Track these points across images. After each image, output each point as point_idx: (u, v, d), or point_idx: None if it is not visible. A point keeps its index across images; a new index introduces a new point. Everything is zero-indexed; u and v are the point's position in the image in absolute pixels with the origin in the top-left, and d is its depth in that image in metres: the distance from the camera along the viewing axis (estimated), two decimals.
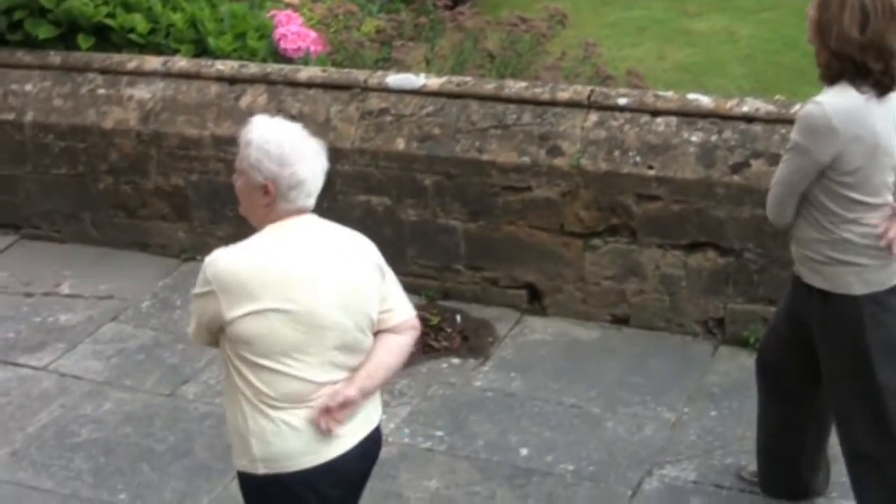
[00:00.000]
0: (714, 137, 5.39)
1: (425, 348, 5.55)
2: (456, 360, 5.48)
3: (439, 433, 4.98)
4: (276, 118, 3.40)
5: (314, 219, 3.39)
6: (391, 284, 3.47)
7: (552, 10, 7.06)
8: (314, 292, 3.27)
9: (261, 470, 3.33)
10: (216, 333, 3.34)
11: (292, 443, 3.30)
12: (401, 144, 5.81)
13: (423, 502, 4.59)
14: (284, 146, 3.27)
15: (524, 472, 4.74)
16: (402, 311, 3.48)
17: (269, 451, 3.31)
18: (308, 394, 3.29)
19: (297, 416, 3.29)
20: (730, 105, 5.46)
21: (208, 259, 3.33)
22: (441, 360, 5.48)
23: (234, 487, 4.59)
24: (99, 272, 6.33)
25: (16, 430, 5.12)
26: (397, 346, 3.45)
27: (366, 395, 3.37)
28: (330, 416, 3.28)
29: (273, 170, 3.26)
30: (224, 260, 3.30)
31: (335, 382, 3.32)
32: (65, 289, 6.22)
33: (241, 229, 5.94)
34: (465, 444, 4.92)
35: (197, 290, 3.36)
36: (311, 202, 3.35)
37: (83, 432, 5.10)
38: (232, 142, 6.01)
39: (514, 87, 5.82)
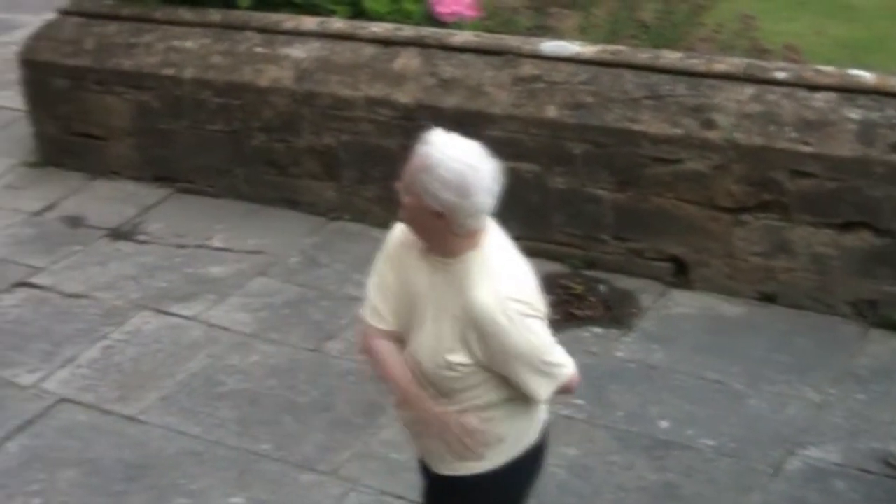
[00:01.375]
0: (875, 115, 5.26)
1: (567, 316, 5.54)
2: (598, 330, 5.46)
3: (579, 401, 4.97)
4: (452, 137, 3.14)
5: (493, 224, 3.30)
6: None
7: None
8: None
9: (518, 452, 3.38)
10: None
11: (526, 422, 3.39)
12: (552, 112, 5.79)
13: (561, 469, 4.59)
14: (466, 176, 3.06)
15: (663, 444, 4.71)
16: None
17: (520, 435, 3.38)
18: None
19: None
20: (894, 82, 5.31)
21: (510, 305, 3.13)
22: (583, 329, 5.47)
23: (375, 443, 4.73)
24: (249, 227, 6.45)
25: (166, 377, 5.26)
26: None
27: None
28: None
29: (452, 200, 3.06)
30: (519, 286, 3.20)
31: None
32: (216, 242, 6.36)
33: (389, 191, 6.04)
34: (605, 414, 4.90)
35: (532, 333, 3.18)
36: (486, 223, 3.22)
37: (230, 382, 5.22)
38: (384, 103, 6.14)
39: (670, 57, 5.76)
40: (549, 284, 5.70)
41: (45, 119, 7.16)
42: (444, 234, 3.15)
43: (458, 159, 3.08)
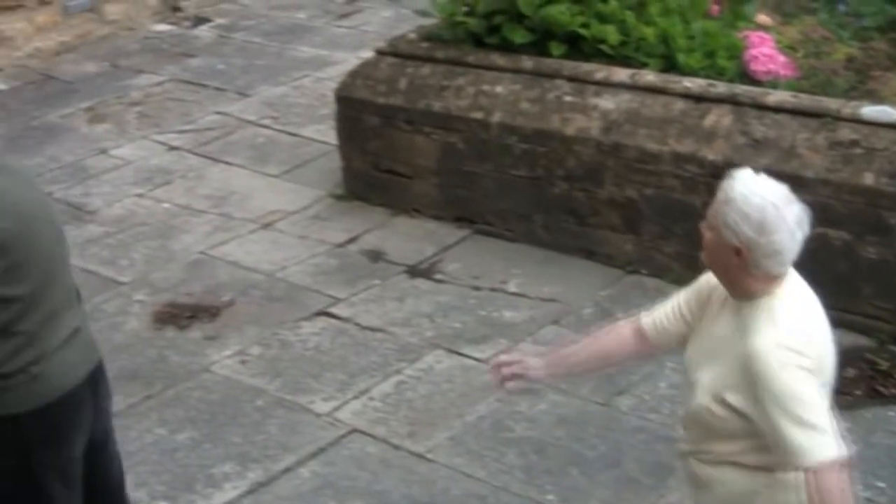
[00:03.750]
0: None
1: (871, 393, 5.30)
2: None
3: (881, 484, 4.73)
4: (760, 175, 3.17)
5: (798, 278, 3.27)
6: None
7: None
8: (832, 359, 3.26)
9: None
10: None
11: None
12: (869, 179, 5.56)
13: None
14: (767, 212, 3.06)
15: None
16: None
17: None
18: None
19: None
20: None
21: (786, 354, 3.09)
22: (888, 408, 5.20)
23: None
24: (544, 274, 6.45)
25: (455, 417, 5.30)
26: None
27: None
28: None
29: (750, 236, 3.08)
30: (802, 339, 3.14)
31: None
32: (511, 286, 6.38)
33: (690, 248, 5.94)
34: None
35: (798, 383, 3.10)
36: (787, 270, 3.18)
37: (517, 428, 5.22)
38: (691, 160, 6.04)
39: None
40: (853, 358, 5.49)
41: (354, 154, 7.38)
42: (740, 273, 3.15)
43: (761, 195, 3.09)
